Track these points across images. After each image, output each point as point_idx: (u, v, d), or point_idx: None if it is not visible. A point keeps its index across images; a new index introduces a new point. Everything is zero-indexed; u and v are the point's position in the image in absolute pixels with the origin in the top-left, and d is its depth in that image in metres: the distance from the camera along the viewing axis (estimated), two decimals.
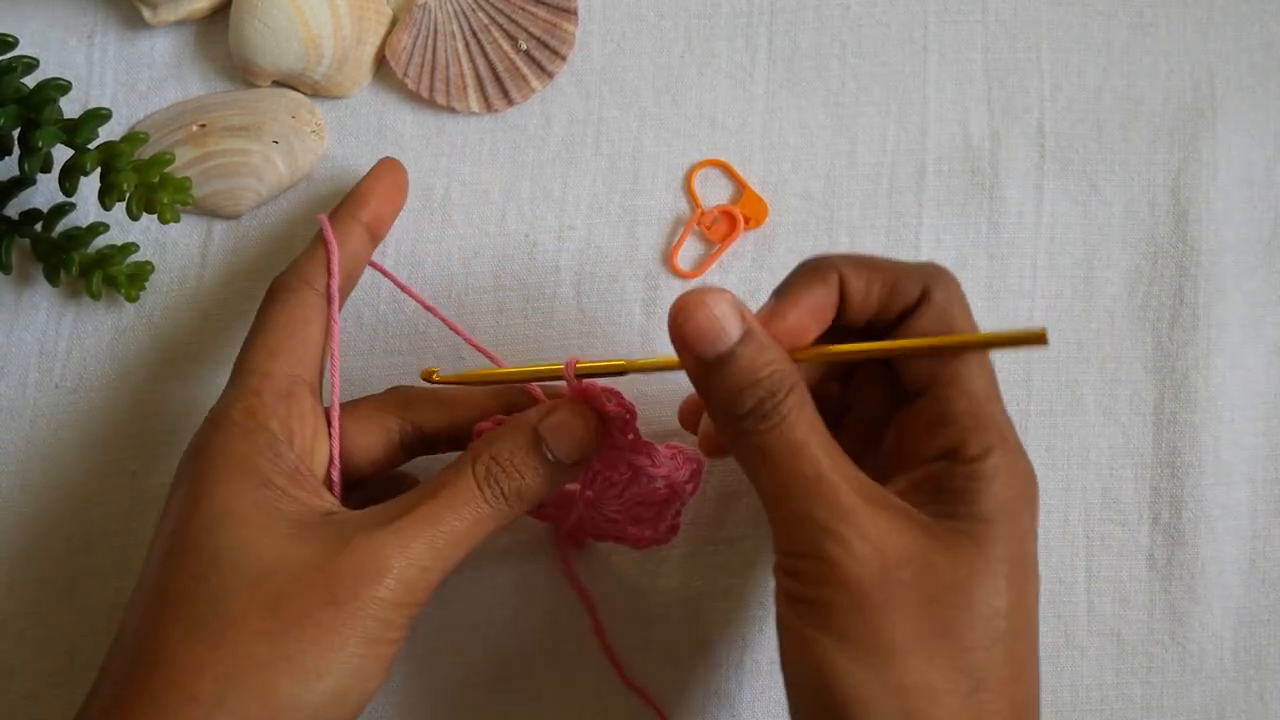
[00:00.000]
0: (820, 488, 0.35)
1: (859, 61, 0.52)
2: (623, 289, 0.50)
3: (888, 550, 0.34)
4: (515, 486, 0.39)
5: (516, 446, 0.39)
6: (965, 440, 0.36)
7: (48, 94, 0.45)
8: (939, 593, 0.34)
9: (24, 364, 0.50)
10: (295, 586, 0.36)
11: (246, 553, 0.37)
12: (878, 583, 0.34)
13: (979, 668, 0.34)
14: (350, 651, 0.36)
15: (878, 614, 0.34)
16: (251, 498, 0.38)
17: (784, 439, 0.35)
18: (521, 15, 0.51)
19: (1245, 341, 0.50)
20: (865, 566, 0.34)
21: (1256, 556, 0.49)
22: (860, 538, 0.34)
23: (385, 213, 0.47)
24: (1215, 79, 0.52)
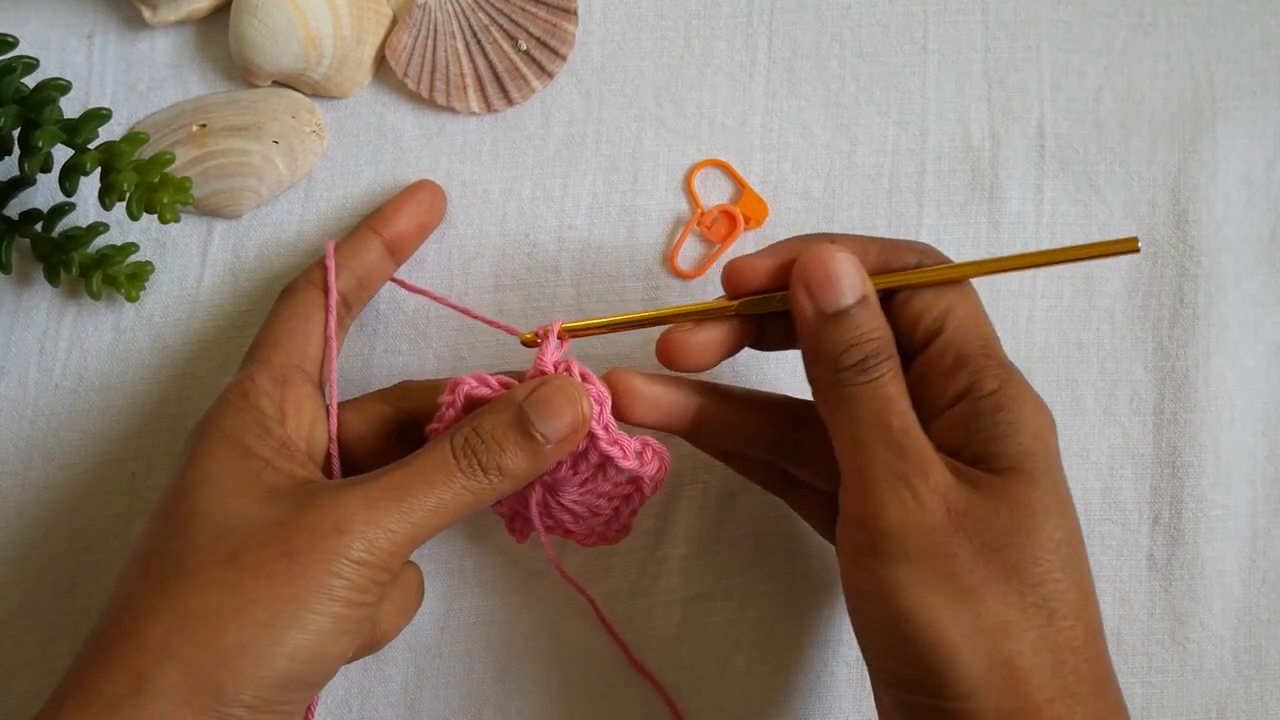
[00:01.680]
0: (905, 440, 0.37)
1: (859, 61, 0.52)
2: (623, 289, 0.50)
3: (951, 502, 0.36)
4: (496, 460, 0.39)
5: (499, 420, 0.39)
6: (980, 377, 0.38)
7: (48, 94, 0.45)
8: (1001, 535, 0.36)
9: (24, 364, 0.50)
10: (253, 540, 0.36)
11: (216, 512, 0.37)
12: (947, 532, 0.36)
13: (1050, 599, 0.36)
14: (307, 607, 0.36)
15: (951, 561, 0.36)
16: (232, 467, 0.38)
17: (879, 393, 0.38)
18: (521, 15, 0.51)
19: (1245, 341, 0.50)
20: (934, 516, 0.36)
21: (1256, 556, 0.49)
22: (929, 489, 0.36)
23: (409, 232, 0.48)
24: (1215, 79, 0.52)
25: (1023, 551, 0.36)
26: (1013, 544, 0.36)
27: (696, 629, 0.48)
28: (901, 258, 0.40)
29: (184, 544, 0.37)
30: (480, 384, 0.41)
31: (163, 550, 0.37)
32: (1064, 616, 0.36)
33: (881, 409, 0.37)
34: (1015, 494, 0.37)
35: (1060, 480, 0.38)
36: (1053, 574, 0.36)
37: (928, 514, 0.36)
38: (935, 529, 0.36)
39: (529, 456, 0.39)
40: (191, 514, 0.37)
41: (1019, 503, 0.36)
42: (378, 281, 0.47)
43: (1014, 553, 0.36)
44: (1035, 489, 0.37)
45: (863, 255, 0.40)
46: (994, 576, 0.36)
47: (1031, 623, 0.35)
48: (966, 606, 0.35)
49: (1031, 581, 0.36)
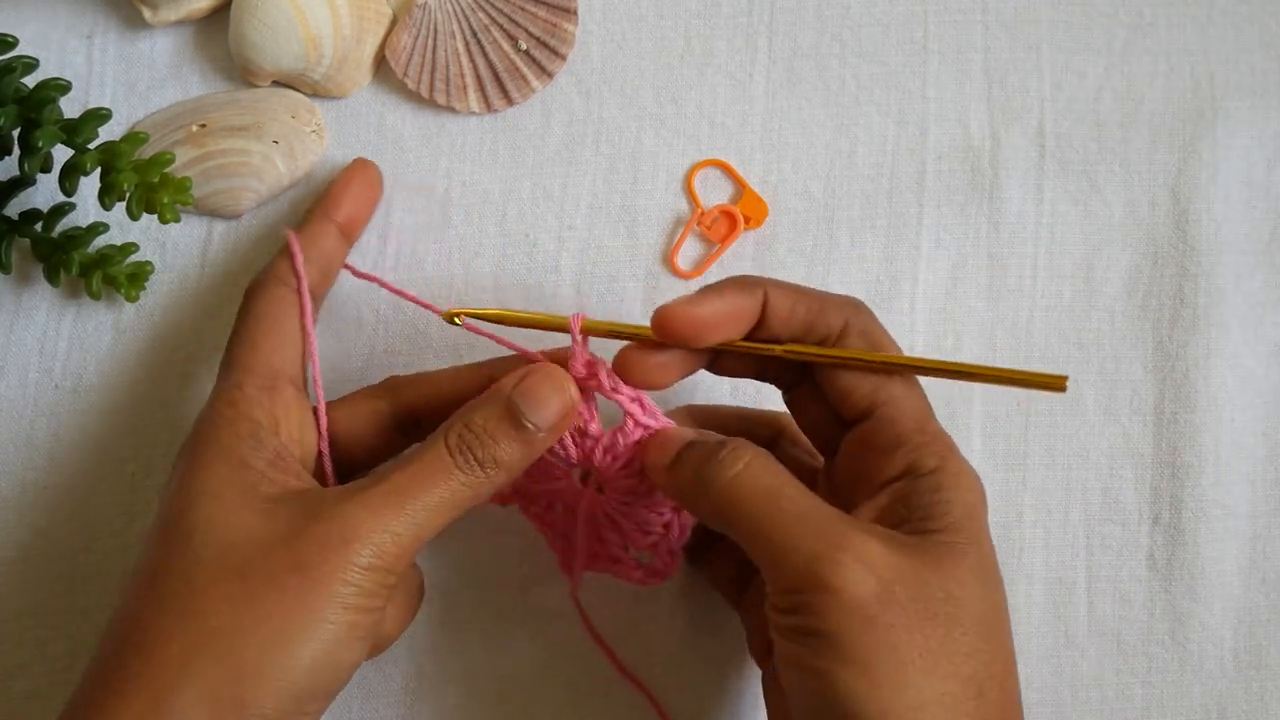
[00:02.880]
0: (808, 520, 0.36)
1: (859, 61, 0.52)
2: (623, 289, 0.50)
3: (881, 571, 0.35)
4: (490, 454, 0.39)
5: (490, 414, 0.39)
6: (919, 456, 0.38)
7: (48, 94, 0.45)
8: (934, 606, 0.35)
9: (24, 364, 0.50)
10: (261, 555, 0.36)
11: (218, 527, 0.37)
12: (881, 604, 0.35)
13: (979, 672, 0.35)
14: (321, 617, 0.36)
15: (888, 634, 0.34)
16: (229, 479, 0.38)
17: (756, 482, 0.37)
18: (521, 15, 0.51)
19: (1245, 341, 0.50)
20: (866, 589, 0.35)
21: (1256, 556, 0.49)
22: (856, 561, 0.35)
23: (359, 213, 0.48)
24: (1215, 79, 0.52)
25: (956, 623, 0.35)
26: (949, 614, 0.35)
27: (699, 637, 0.48)
28: (827, 319, 0.40)
29: (190, 560, 0.37)
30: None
31: (169, 567, 0.37)
32: (987, 693, 0.35)
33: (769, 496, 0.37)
34: (947, 562, 0.36)
35: (987, 552, 0.38)
36: (979, 647, 0.35)
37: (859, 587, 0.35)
38: (868, 602, 0.34)
39: (522, 446, 0.39)
40: (193, 529, 0.37)
41: (950, 571, 0.36)
42: (337, 267, 0.47)
43: (951, 623, 0.35)
44: (966, 558, 0.36)
45: (789, 311, 0.40)
46: (934, 647, 0.35)
47: (966, 695, 0.35)
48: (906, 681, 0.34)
49: (965, 653, 0.35)
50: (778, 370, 0.42)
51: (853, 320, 0.40)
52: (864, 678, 0.34)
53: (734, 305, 0.39)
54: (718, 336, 0.40)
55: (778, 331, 0.40)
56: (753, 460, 0.38)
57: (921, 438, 0.39)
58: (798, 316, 0.40)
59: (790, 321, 0.40)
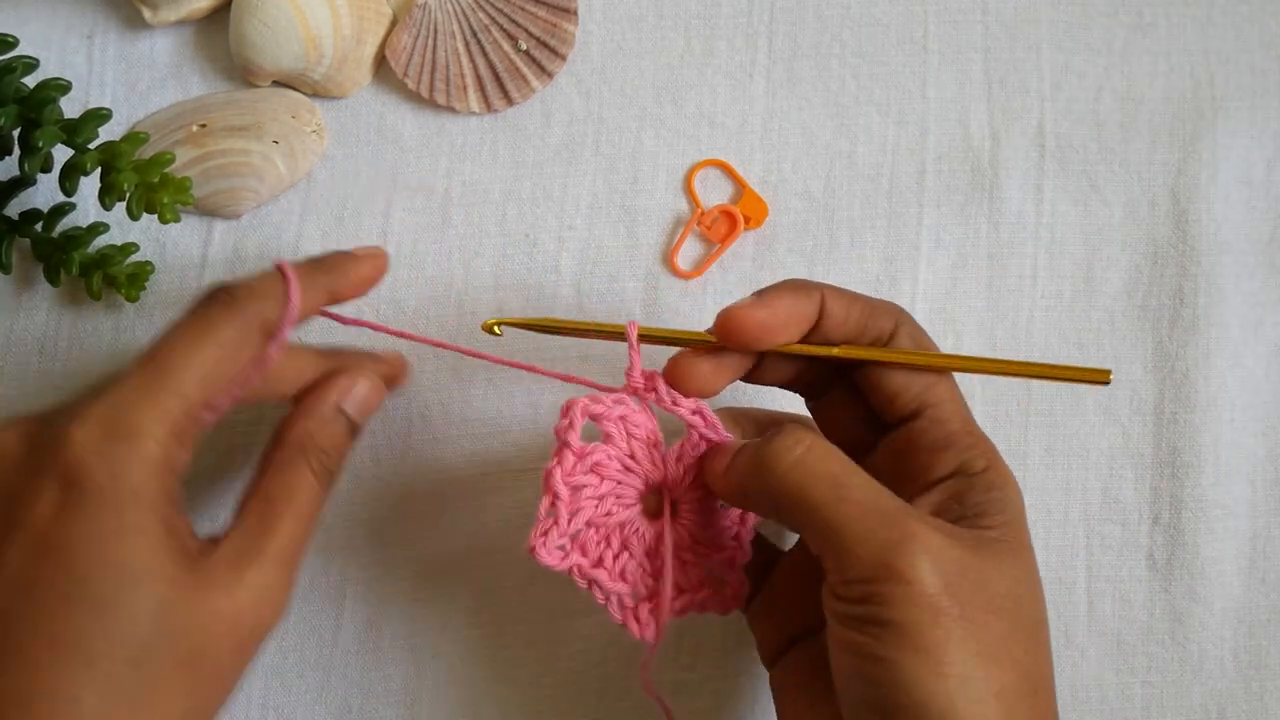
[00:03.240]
0: (877, 509, 0.36)
1: (859, 61, 0.52)
2: (623, 289, 0.50)
3: (947, 564, 0.35)
4: (339, 465, 0.42)
5: (335, 431, 0.41)
6: (970, 457, 0.39)
7: (48, 94, 0.45)
8: (995, 601, 0.35)
9: (24, 364, 0.50)
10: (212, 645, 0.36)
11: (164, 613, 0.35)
12: (949, 596, 0.35)
13: (1034, 670, 0.36)
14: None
15: (956, 626, 0.35)
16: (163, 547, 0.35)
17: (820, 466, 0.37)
18: (521, 15, 0.51)
19: (1245, 341, 0.50)
20: (935, 581, 0.35)
21: (1256, 556, 0.49)
22: (926, 554, 0.35)
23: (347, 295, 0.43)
24: (1215, 79, 0.52)
25: (1016, 619, 0.36)
26: (1010, 610, 0.36)
27: (696, 629, 0.48)
28: (879, 323, 0.40)
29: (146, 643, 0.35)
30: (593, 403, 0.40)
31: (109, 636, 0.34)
32: (1043, 689, 0.36)
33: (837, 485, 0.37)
34: (1006, 559, 0.37)
35: (1032, 555, 0.38)
36: (1034, 646, 0.36)
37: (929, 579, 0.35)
38: (938, 594, 0.35)
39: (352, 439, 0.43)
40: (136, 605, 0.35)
41: (1009, 568, 0.37)
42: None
43: (1011, 619, 0.36)
44: (1022, 556, 0.37)
45: (844, 315, 0.40)
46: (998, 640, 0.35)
47: (1024, 690, 0.35)
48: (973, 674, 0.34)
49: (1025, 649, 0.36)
50: (813, 376, 0.42)
51: (901, 323, 0.41)
52: (932, 667, 0.34)
53: (797, 309, 0.40)
54: (781, 339, 0.40)
55: (833, 334, 0.40)
56: (814, 444, 0.37)
57: (970, 439, 0.40)
58: (852, 320, 0.40)
59: (845, 325, 0.40)
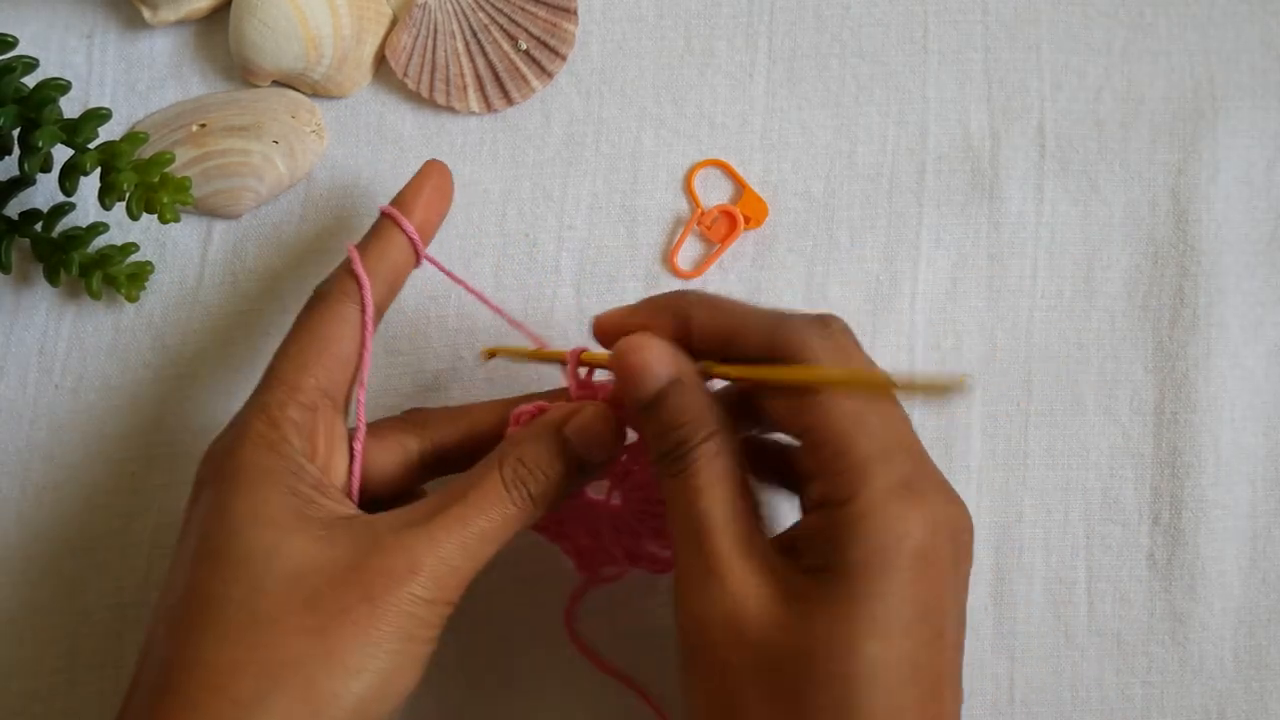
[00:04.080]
0: (704, 540, 0.36)
1: (859, 61, 0.52)
2: (623, 289, 0.50)
3: (744, 609, 0.34)
4: (541, 489, 0.39)
5: (543, 449, 0.39)
6: (833, 485, 0.35)
7: (48, 94, 0.46)
8: (791, 652, 0.34)
9: (24, 364, 0.50)
10: (330, 584, 0.36)
11: (278, 553, 0.36)
12: (732, 644, 0.34)
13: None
14: (386, 648, 0.36)
15: (728, 676, 0.34)
16: (279, 503, 0.37)
17: (687, 485, 0.36)
18: (521, 15, 0.51)
19: (1245, 341, 0.50)
20: (717, 627, 0.35)
21: (1256, 556, 0.49)
22: (718, 597, 0.35)
23: (430, 219, 0.45)
24: (1215, 79, 0.52)
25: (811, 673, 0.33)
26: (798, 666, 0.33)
27: None
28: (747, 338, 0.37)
29: (251, 588, 0.36)
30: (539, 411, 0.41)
31: (226, 596, 0.36)
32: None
33: (688, 502, 0.36)
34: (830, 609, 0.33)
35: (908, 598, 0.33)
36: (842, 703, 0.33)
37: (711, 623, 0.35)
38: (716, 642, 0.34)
39: (570, 482, 0.40)
40: (249, 555, 0.36)
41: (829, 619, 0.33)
42: (403, 279, 0.45)
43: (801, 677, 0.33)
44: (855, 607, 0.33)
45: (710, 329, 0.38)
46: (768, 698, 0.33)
47: None
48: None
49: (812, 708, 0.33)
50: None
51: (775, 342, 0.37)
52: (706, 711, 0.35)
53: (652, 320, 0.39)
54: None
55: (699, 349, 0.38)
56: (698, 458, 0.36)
57: (835, 464, 0.35)
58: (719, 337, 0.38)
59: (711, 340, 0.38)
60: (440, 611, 0.38)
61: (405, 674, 0.37)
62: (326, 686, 0.35)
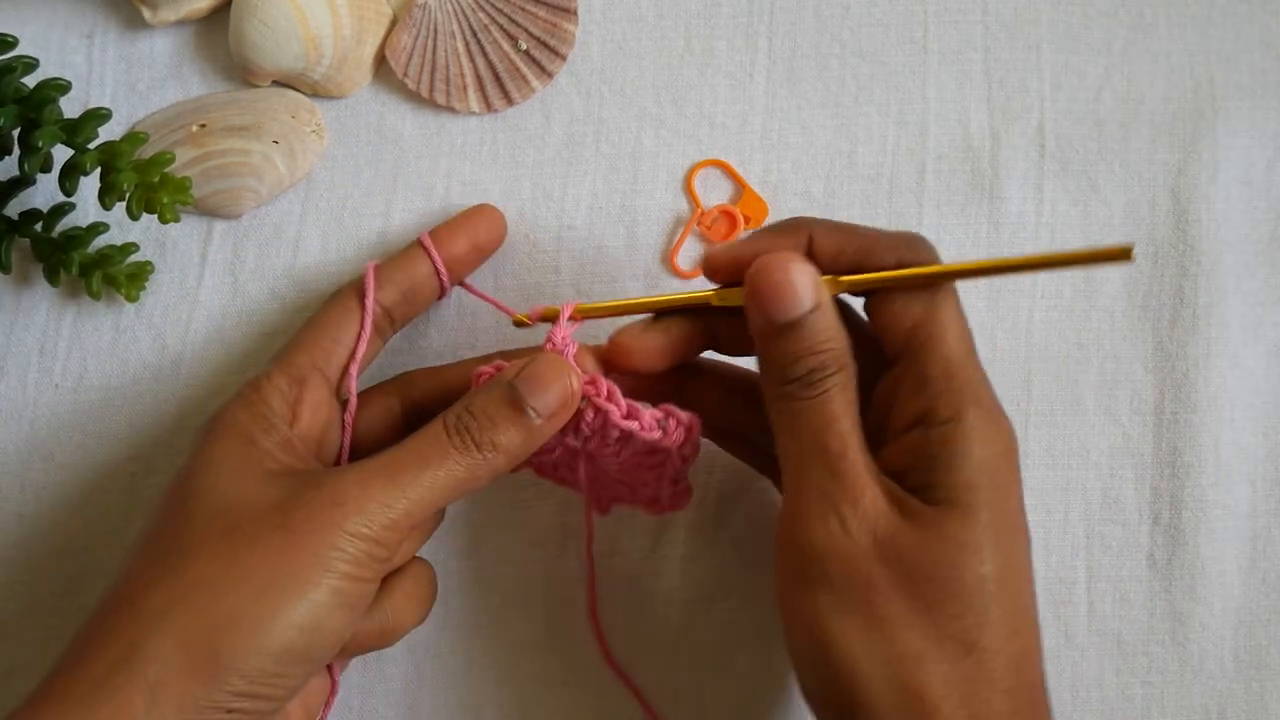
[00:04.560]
0: (840, 463, 0.37)
1: (859, 61, 0.52)
2: (623, 289, 0.50)
3: (879, 530, 0.36)
4: (489, 437, 0.39)
5: (490, 397, 0.40)
6: (937, 404, 0.37)
7: (48, 94, 0.46)
8: (923, 568, 0.36)
9: (24, 364, 0.50)
10: (250, 515, 0.37)
11: (216, 491, 0.38)
12: (869, 560, 0.36)
13: (969, 632, 0.36)
14: (304, 578, 0.36)
15: (869, 590, 0.36)
16: (235, 451, 0.40)
17: (822, 410, 0.37)
18: (521, 15, 0.51)
19: (1245, 341, 0.50)
20: (858, 544, 0.36)
21: (1256, 556, 0.49)
22: (857, 516, 0.36)
23: (463, 254, 0.47)
24: (1215, 79, 0.52)
25: (944, 586, 0.36)
26: (935, 577, 0.36)
27: (696, 630, 0.48)
28: (881, 255, 0.39)
29: (183, 522, 0.38)
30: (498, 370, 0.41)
31: (163, 529, 0.38)
32: (984, 649, 0.36)
33: (821, 427, 0.37)
34: (946, 528, 0.36)
35: (1005, 512, 0.37)
36: (974, 608, 0.36)
37: (852, 541, 0.36)
38: (858, 556, 0.36)
39: (521, 431, 0.39)
40: (192, 494, 0.39)
41: (948, 537, 0.36)
42: (425, 298, 0.47)
43: (935, 586, 0.36)
44: (970, 523, 0.36)
45: (837, 251, 0.39)
46: (911, 608, 0.36)
47: (945, 655, 0.35)
48: (881, 635, 0.36)
49: (950, 614, 0.36)
50: None
51: (906, 257, 0.39)
52: (842, 624, 0.36)
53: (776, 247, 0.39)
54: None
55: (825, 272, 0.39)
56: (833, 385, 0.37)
57: (944, 384, 0.37)
58: (844, 258, 0.39)
59: (837, 263, 0.39)
60: (369, 550, 0.37)
61: (327, 610, 0.37)
62: (230, 606, 0.35)
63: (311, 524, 0.37)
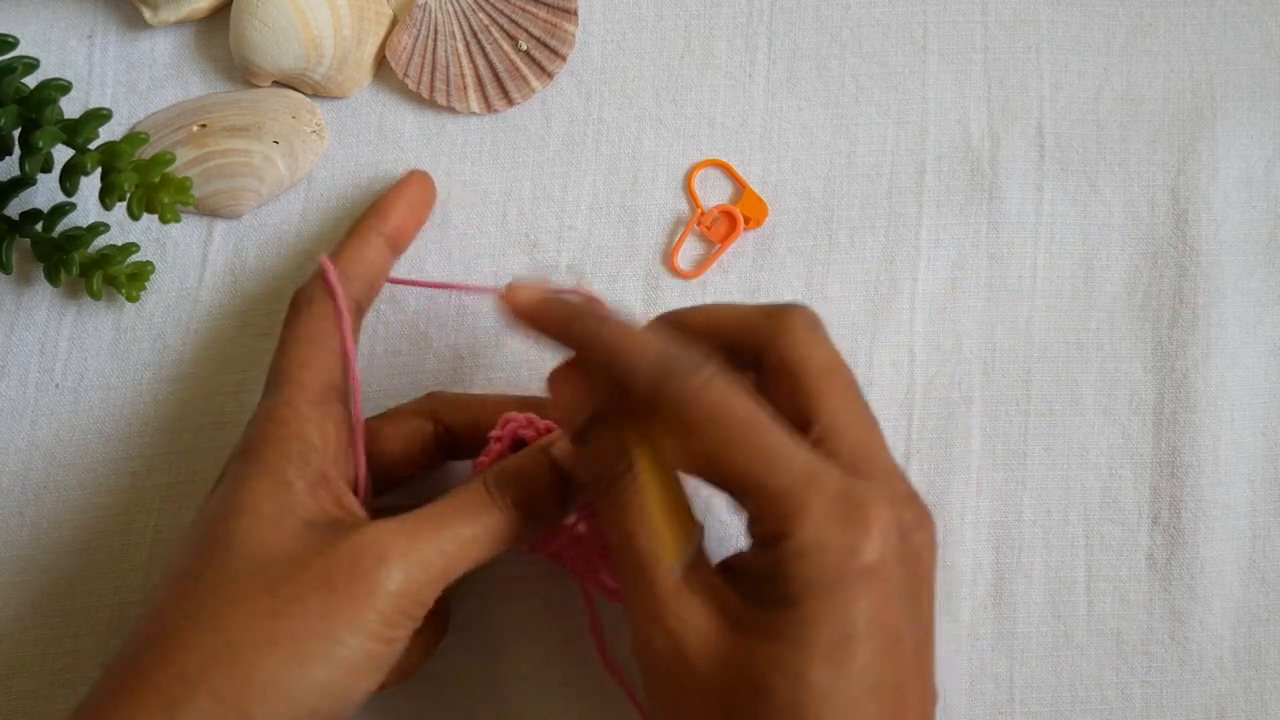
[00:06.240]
0: (641, 572, 0.35)
1: (859, 61, 0.52)
2: (623, 289, 0.50)
3: (689, 642, 0.34)
4: (526, 497, 0.39)
5: (529, 460, 0.40)
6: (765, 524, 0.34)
7: (48, 94, 0.46)
8: (736, 686, 0.33)
9: (24, 364, 0.50)
10: (292, 569, 0.36)
11: (254, 541, 0.37)
12: (680, 674, 0.34)
13: None
14: (341, 640, 0.35)
15: (681, 705, 0.34)
16: (271, 495, 0.38)
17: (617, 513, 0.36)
18: (521, 15, 0.51)
19: (1245, 341, 0.50)
20: (664, 658, 0.34)
21: (1256, 556, 0.49)
22: (667, 627, 0.34)
23: (407, 224, 0.48)
24: (1215, 79, 0.52)
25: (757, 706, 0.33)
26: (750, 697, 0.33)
27: None
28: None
29: (222, 572, 0.37)
30: (529, 425, 0.42)
31: (200, 577, 0.37)
32: None
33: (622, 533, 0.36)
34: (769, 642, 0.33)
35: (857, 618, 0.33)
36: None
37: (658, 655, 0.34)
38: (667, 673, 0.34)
39: (559, 495, 0.40)
40: (229, 541, 0.37)
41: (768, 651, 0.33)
42: (382, 279, 0.47)
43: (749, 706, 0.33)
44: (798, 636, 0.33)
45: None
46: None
47: None
48: None
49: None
50: None
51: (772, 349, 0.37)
52: None
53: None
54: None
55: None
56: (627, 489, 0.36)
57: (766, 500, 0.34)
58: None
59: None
60: (406, 609, 0.37)
61: (360, 673, 0.36)
62: (269, 672, 0.35)
63: (353, 583, 0.36)
